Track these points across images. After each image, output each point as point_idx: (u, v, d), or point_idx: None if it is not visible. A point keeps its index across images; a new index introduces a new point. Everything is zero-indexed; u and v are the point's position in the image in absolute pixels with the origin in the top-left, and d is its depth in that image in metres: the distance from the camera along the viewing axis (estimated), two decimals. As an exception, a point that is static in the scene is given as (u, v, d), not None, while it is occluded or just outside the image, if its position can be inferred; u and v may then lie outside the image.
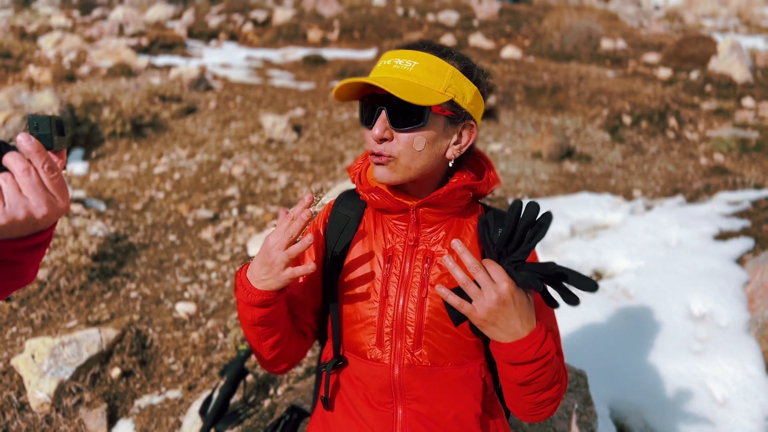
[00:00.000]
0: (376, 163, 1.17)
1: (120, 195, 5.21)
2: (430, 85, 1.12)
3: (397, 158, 1.15)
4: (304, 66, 11.12)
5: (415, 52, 1.15)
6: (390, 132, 1.14)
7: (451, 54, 1.17)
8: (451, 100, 1.14)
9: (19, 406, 2.63)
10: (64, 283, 3.48)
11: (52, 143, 0.86)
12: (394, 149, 1.15)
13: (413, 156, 1.15)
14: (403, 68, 1.13)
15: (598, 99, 8.57)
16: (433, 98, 1.11)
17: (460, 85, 1.15)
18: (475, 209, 1.31)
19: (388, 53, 1.19)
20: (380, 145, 1.15)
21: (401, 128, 1.13)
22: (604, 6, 21.05)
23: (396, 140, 1.14)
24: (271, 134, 6.54)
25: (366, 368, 1.27)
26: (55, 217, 0.86)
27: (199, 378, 2.89)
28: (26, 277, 0.94)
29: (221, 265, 4.04)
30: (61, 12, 16.61)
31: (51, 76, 8.05)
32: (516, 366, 1.11)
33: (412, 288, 1.23)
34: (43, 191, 0.83)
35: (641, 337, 2.98)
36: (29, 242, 0.87)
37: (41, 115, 0.86)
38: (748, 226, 4.01)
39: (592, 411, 2.16)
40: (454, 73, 1.14)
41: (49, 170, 0.84)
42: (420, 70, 1.12)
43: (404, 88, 1.09)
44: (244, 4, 18.14)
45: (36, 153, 0.83)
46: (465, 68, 1.17)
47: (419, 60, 1.13)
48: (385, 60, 1.17)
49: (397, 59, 1.14)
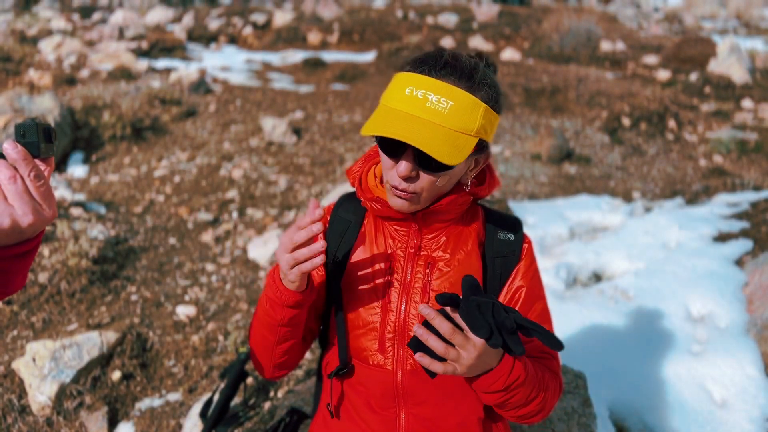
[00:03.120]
0: (395, 195, 1.16)
1: (120, 198, 5.22)
2: (463, 128, 1.07)
3: (419, 194, 1.15)
4: (303, 69, 11.13)
5: (450, 88, 1.07)
6: (416, 171, 1.11)
7: (483, 82, 1.11)
8: (479, 138, 1.12)
9: (20, 410, 2.63)
10: (65, 287, 3.48)
11: (39, 151, 0.85)
12: (418, 187, 1.13)
13: (435, 191, 1.16)
14: (437, 109, 1.06)
15: (598, 101, 8.58)
16: (467, 147, 1.07)
17: (489, 122, 1.12)
18: (475, 212, 1.32)
19: (417, 79, 1.09)
20: (404, 183, 1.13)
21: (430, 171, 1.11)
22: (603, 8, 21.08)
23: (420, 179, 1.12)
24: (270, 137, 6.56)
25: (368, 373, 1.27)
26: (41, 225, 0.85)
27: (200, 380, 2.89)
28: (13, 286, 0.92)
29: (221, 268, 4.04)
30: (61, 16, 16.63)
31: (51, 80, 8.06)
32: (488, 394, 1.14)
33: (414, 294, 1.23)
34: (29, 199, 0.82)
35: (640, 339, 2.99)
36: (15, 251, 0.85)
37: (28, 122, 0.84)
38: (747, 227, 4.02)
39: (591, 412, 2.16)
40: (486, 111, 1.10)
41: (35, 178, 0.83)
42: (455, 112, 1.06)
43: (441, 144, 1.04)
44: (244, 7, 18.16)
45: (22, 161, 0.82)
46: (495, 100, 1.13)
47: (454, 100, 1.06)
48: (415, 89, 1.08)
49: (430, 94, 1.07)
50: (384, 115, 1.09)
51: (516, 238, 1.30)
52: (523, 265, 1.30)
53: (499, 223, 1.32)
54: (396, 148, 1.11)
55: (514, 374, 1.11)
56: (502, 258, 1.28)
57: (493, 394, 1.13)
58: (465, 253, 1.26)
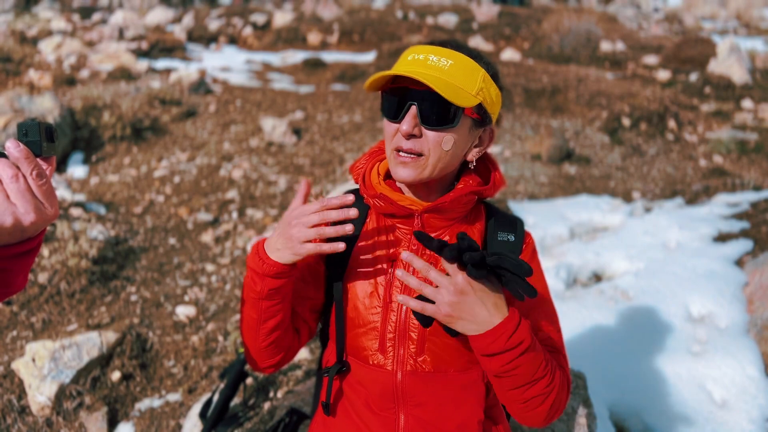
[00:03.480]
0: (400, 162, 1.15)
1: (120, 198, 5.21)
2: (464, 86, 1.10)
3: (424, 157, 1.14)
4: (303, 69, 11.13)
5: (450, 51, 1.13)
6: (419, 129, 1.12)
7: (480, 57, 1.16)
8: (480, 103, 1.14)
9: (20, 410, 2.63)
10: (65, 287, 3.48)
11: (41, 150, 0.85)
12: (423, 147, 1.13)
13: (440, 155, 1.14)
14: (438, 66, 1.10)
15: (598, 101, 8.58)
16: (467, 100, 1.10)
17: (489, 90, 1.14)
18: (479, 212, 1.31)
19: (418, 48, 1.15)
20: (408, 142, 1.13)
21: (432, 126, 1.11)
22: (603, 8, 21.09)
23: (424, 138, 1.12)
24: (270, 137, 6.56)
25: (368, 373, 1.25)
26: (43, 224, 0.86)
27: (199, 381, 2.89)
28: (14, 285, 0.92)
29: (221, 269, 4.04)
30: (61, 16, 16.63)
31: (51, 80, 8.06)
32: (489, 357, 1.08)
33: (416, 294, 1.22)
34: (31, 198, 0.82)
35: (640, 339, 2.99)
36: (17, 249, 0.86)
37: (30, 121, 0.85)
38: (747, 227, 4.01)
39: (591, 413, 2.16)
40: (485, 76, 1.14)
41: (37, 177, 0.83)
42: (456, 69, 1.10)
43: (444, 86, 1.07)
44: (244, 7, 18.17)
45: (24, 160, 0.82)
46: (493, 73, 1.17)
47: (454, 59, 1.11)
48: (416, 54, 1.14)
49: (431, 55, 1.12)
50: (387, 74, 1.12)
51: (516, 238, 1.29)
52: None
53: (499, 223, 1.30)
54: (399, 109, 1.12)
55: (518, 336, 1.05)
56: None
57: (494, 358, 1.07)
58: None
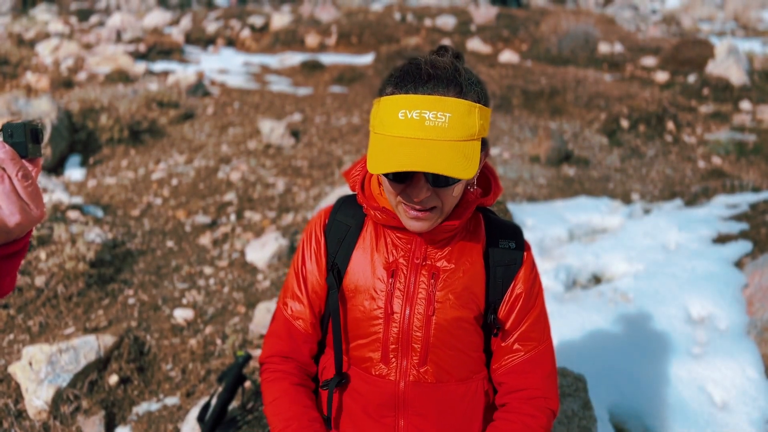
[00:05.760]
0: (413, 217, 1.12)
1: (118, 201, 5.20)
2: (467, 136, 1.05)
3: (437, 208, 1.12)
4: (301, 71, 11.13)
5: (442, 100, 1.04)
6: (430, 191, 1.09)
7: (469, 82, 1.08)
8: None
9: (17, 414, 2.61)
10: (62, 290, 3.47)
11: (27, 151, 0.85)
12: (436, 201, 1.11)
13: (453, 201, 1.13)
14: (436, 125, 1.02)
15: (596, 103, 8.59)
16: (475, 153, 1.05)
17: (484, 117, 1.10)
18: (478, 220, 1.31)
19: (407, 100, 1.05)
20: (420, 204, 1.10)
21: (443, 186, 1.08)
22: (601, 10, 21.13)
23: (434, 194, 1.09)
24: (268, 139, 6.55)
25: (369, 383, 1.25)
26: (29, 225, 0.85)
27: (197, 384, 2.88)
28: (1, 288, 0.91)
29: (219, 271, 4.03)
30: (58, 18, 16.63)
31: (48, 83, 8.05)
32: None
33: (418, 305, 1.21)
34: (16, 199, 0.82)
35: (640, 341, 2.98)
36: (3, 251, 0.85)
37: (16, 122, 0.84)
38: (746, 229, 4.01)
39: (591, 415, 2.15)
40: (480, 110, 1.08)
41: (23, 178, 0.83)
42: (455, 122, 1.03)
43: (452, 159, 1.01)
44: (242, 9, 18.17)
45: (10, 161, 0.81)
46: (484, 95, 1.11)
47: (451, 111, 1.03)
48: (408, 111, 1.04)
49: (425, 112, 1.03)
50: (386, 146, 1.04)
51: (517, 246, 1.30)
52: (524, 272, 1.29)
53: (500, 232, 1.30)
54: (405, 175, 1.08)
55: None
56: (504, 267, 1.27)
57: None
58: (470, 263, 1.25)
